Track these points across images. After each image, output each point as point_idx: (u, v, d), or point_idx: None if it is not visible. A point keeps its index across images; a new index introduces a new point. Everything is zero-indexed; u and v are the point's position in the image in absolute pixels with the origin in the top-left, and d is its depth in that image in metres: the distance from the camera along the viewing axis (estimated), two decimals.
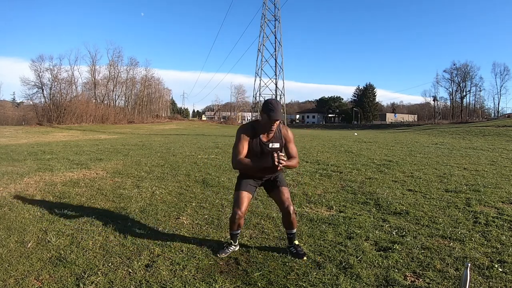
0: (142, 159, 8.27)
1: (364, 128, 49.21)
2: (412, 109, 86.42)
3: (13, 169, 6.50)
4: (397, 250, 2.61)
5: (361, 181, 5.37)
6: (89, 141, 15.66)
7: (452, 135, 19.94)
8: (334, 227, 3.17)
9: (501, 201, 4.13)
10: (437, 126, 35.80)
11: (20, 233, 2.97)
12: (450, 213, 3.62)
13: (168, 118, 61.20)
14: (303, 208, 3.82)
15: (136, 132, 27.61)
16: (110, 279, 2.16)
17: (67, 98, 40.08)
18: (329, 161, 7.86)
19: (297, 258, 2.47)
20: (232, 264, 2.40)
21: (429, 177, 5.71)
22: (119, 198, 4.27)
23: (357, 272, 2.26)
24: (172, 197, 4.36)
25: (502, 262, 2.41)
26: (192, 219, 3.44)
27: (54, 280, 2.14)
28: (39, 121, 35.72)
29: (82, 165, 7.14)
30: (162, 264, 2.37)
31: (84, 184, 5.11)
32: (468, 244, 2.74)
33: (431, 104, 66.84)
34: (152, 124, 44.04)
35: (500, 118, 47.44)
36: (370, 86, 75.91)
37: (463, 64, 60.72)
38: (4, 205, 3.85)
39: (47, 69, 39.86)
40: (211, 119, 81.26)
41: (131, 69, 52.13)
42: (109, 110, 44.96)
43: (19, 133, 21.96)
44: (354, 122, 68.54)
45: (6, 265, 2.33)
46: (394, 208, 3.79)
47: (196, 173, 6.13)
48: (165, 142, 14.94)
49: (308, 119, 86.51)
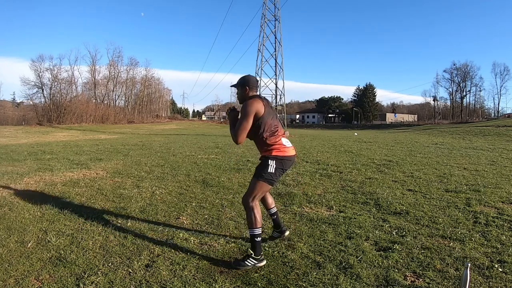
0: (142, 159, 8.27)
1: (364, 128, 49.21)
2: (412, 109, 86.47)
3: (13, 169, 6.50)
4: (397, 250, 2.61)
5: (361, 181, 5.37)
6: (89, 141, 15.66)
7: (452, 135, 19.94)
8: (334, 227, 3.17)
9: (501, 201, 4.13)
10: (437, 126, 35.80)
11: (20, 233, 2.97)
12: (450, 213, 3.62)
13: (168, 118, 61.18)
14: (303, 208, 3.82)
15: (136, 132, 27.61)
16: (110, 279, 2.16)
17: (67, 98, 40.11)
18: (329, 161, 7.85)
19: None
20: (232, 264, 2.40)
21: (429, 177, 5.71)
22: (119, 198, 4.26)
23: (357, 272, 2.26)
24: (172, 197, 4.36)
25: (502, 262, 2.41)
26: (192, 219, 3.44)
27: (54, 280, 2.14)
28: (39, 121, 35.72)
29: (82, 165, 7.14)
30: (162, 264, 2.37)
31: (84, 184, 5.11)
32: (468, 244, 2.74)
33: (431, 104, 66.97)
34: (152, 124, 44.02)
35: (500, 118, 47.47)
36: (370, 86, 75.93)
37: (463, 64, 60.88)
38: (4, 205, 3.85)
39: (47, 69, 39.95)
40: (211, 119, 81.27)
41: (131, 69, 52.22)
42: (109, 110, 44.97)
43: (19, 133, 21.96)
44: (354, 122, 68.57)
45: (6, 265, 2.33)
46: (394, 208, 3.79)
47: (196, 173, 6.12)
48: (165, 142, 14.94)
49: (308, 119, 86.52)
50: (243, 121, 2.38)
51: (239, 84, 2.58)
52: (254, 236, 2.38)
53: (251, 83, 2.55)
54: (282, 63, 23.05)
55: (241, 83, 2.57)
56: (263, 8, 22.82)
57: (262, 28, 22.70)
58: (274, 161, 2.44)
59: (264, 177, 2.42)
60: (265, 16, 22.71)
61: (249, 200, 2.41)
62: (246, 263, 2.31)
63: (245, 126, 2.38)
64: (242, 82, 2.57)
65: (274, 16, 22.83)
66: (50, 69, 39.97)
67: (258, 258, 2.35)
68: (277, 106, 23.39)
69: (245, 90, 2.54)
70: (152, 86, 58.32)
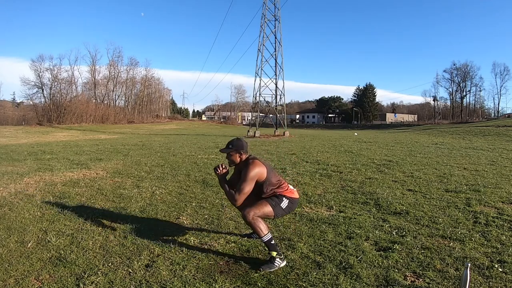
0: (142, 159, 8.27)
1: (364, 128, 49.22)
2: (412, 109, 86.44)
3: (13, 169, 6.50)
4: (397, 250, 2.61)
5: (361, 181, 5.37)
6: (89, 141, 15.66)
7: (452, 135, 19.94)
8: (334, 227, 3.17)
9: (501, 201, 4.13)
10: (437, 126, 35.81)
11: (20, 233, 2.97)
12: (450, 213, 3.62)
13: (168, 118, 61.18)
14: (303, 208, 3.82)
15: (136, 132, 27.62)
16: (110, 279, 2.16)
17: (67, 98, 40.14)
18: (329, 161, 7.86)
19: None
20: (232, 264, 2.40)
21: (429, 177, 5.71)
22: (119, 198, 4.26)
23: (357, 272, 2.26)
24: (172, 197, 4.36)
25: (502, 262, 2.41)
26: (192, 219, 3.44)
27: (54, 280, 2.14)
28: (39, 121, 35.74)
29: (82, 165, 7.14)
30: (162, 264, 2.37)
31: (84, 184, 5.11)
32: (468, 244, 2.74)
33: (431, 104, 66.93)
34: (152, 124, 44.05)
35: (500, 118, 47.46)
36: (370, 86, 75.90)
37: (463, 64, 60.76)
38: (4, 205, 3.85)
39: (47, 69, 39.98)
40: (211, 119, 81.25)
41: (131, 69, 52.22)
42: (109, 110, 44.98)
43: (19, 133, 21.96)
44: (354, 122, 68.55)
45: (6, 265, 2.33)
46: (394, 208, 3.79)
47: (196, 173, 6.12)
48: (165, 142, 14.94)
49: (308, 119, 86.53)
50: (246, 186, 2.44)
51: (236, 148, 2.59)
52: (269, 241, 2.40)
53: (245, 148, 2.61)
54: (282, 63, 23.06)
55: (238, 148, 2.59)
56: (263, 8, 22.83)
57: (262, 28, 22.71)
58: (288, 200, 2.54)
59: (275, 207, 2.48)
60: (265, 16, 22.72)
61: (250, 215, 2.38)
62: (275, 264, 2.35)
63: (248, 191, 2.45)
64: (239, 146, 2.59)
65: (274, 16, 22.84)
66: (50, 69, 40.05)
67: (281, 258, 2.40)
68: (277, 106, 23.39)
69: (240, 155, 2.59)
70: (152, 86, 58.33)
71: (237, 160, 2.61)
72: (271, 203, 2.48)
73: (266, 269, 2.31)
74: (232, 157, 2.62)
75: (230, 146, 2.61)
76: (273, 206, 2.48)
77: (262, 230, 2.38)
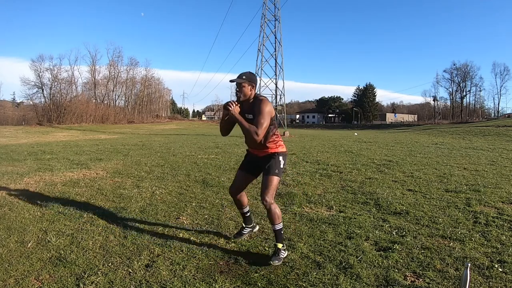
0: (142, 159, 8.27)
1: (364, 128, 49.21)
2: (412, 109, 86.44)
3: (13, 169, 6.50)
4: (397, 250, 2.61)
5: (361, 181, 5.37)
6: (89, 141, 15.66)
7: (452, 135, 19.95)
8: (334, 227, 3.17)
9: (501, 201, 4.13)
10: (437, 126, 35.81)
11: (20, 233, 2.97)
12: (450, 213, 3.62)
13: (168, 118, 61.23)
14: (303, 208, 3.82)
15: (136, 132, 27.62)
16: (110, 279, 2.16)
17: (67, 98, 40.18)
18: (329, 161, 7.86)
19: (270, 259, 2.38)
20: (232, 264, 2.40)
21: (429, 177, 5.71)
22: (119, 198, 4.27)
23: (357, 272, 2.26)
24: (172, 197, 4.36)
25: (502, 262, 2.41)
26: (192, 219, 3.44)
27: (54, 280, 2.14)
28: (39, 121, 35.75)
29: (82, 165, 7.14)
30: (162, 264, 2.37)
31: (84, 184, 5.11)
32: (468, 244, 2.74)
33: (431, 104, 66.98)
34: (152, 124, 44.06)
35: (500, 118, 47.48)
36: (370, 86, 75.89)
37: (463, 64, 60.83)
38: (4, 205, 3.85)
39: (47, 69, 40.04)
40: (211, 119, 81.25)
41: (131, 69, 52.29)
42: (109, 110, 45.02)
43: (19, 133, 21.96)
44: (354, 122, 68.54)
45: (6, 265, 2.33)
46: (394, 208, 3.79)
47: (196, 173, 6.13)
48: (165, 142, 14.95)
49: (308, 119, 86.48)
50: (265, 121, 2.38)
51: (249, 80, 2.46)
52: (281, 230, 2.46)
53: (256, 82, 2.54)
54: (282, 63, 23.09)
55: (251, 80, 2.47)
56: (263, 8, 22.86)
57: (262, 28, 22.72)
58: (282, 156, 2.56)
59: (279, 173, 2.50)
60: (265, 16, 22.74)
61: (272, 199, 2.43)
62: (281, 256, 2.39)
63: (266, 125, 2.40)
64: (253, 79, 2.49)
65: (274, 16, 22.86)
66: (50, 69, 40.10)
67: (285, 249, 2.46)
68: (277, 106, 23.40)
69: (252, 87, 2.49)
70: (152, 86, 58.38)
71: (248, 93, 2.46)
72: (274, 172, 2.46)
73: (276, 262, 2.33)
74: (244, 89, 2.44)
75: (243, 77, 2.44)
76: (277, 174, 2.47)
77: (279, 217, 2.44)
